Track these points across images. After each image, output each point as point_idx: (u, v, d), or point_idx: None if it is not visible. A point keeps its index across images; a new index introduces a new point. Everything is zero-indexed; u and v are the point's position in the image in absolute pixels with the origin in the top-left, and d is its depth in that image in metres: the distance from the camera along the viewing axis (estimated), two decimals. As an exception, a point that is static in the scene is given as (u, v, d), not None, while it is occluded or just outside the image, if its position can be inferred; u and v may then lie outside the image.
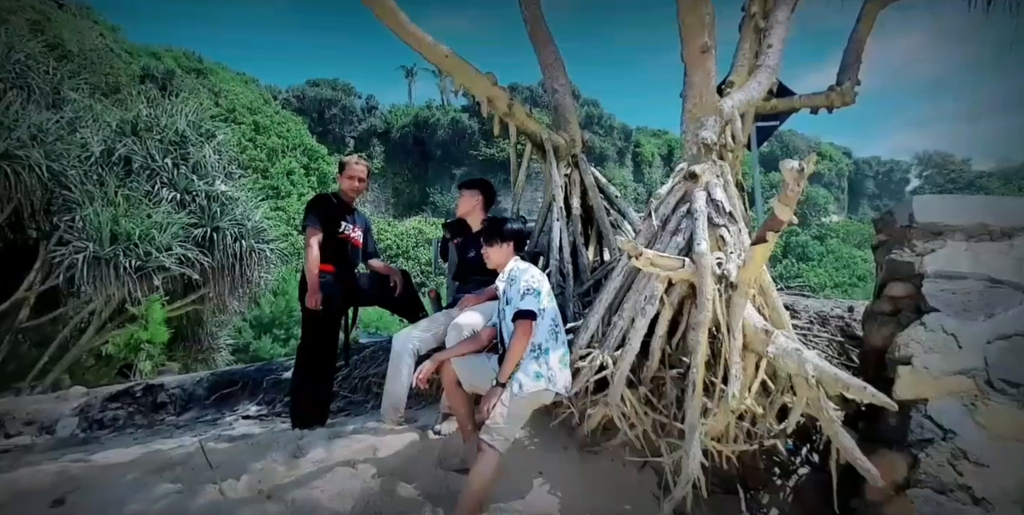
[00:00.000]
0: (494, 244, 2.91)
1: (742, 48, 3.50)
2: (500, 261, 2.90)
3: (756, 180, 5.52)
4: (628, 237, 4.23)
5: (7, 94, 7.88)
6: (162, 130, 8.86)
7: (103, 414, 4.82)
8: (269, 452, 2.96)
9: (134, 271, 7.51)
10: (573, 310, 3.59)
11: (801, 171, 2.00)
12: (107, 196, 7.81)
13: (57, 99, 8.71)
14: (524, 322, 2.55)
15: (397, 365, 3.25)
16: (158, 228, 7.82)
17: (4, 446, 4.18)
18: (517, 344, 2.53)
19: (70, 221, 7.65)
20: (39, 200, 7.66)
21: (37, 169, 7.32)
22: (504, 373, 2.51)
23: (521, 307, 2.57)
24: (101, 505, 2.46)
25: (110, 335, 8.74)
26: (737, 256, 2.61)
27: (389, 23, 3.44)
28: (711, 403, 2.52)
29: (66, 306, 8.82)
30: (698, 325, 2.52)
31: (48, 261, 7.90)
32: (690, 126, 2.89)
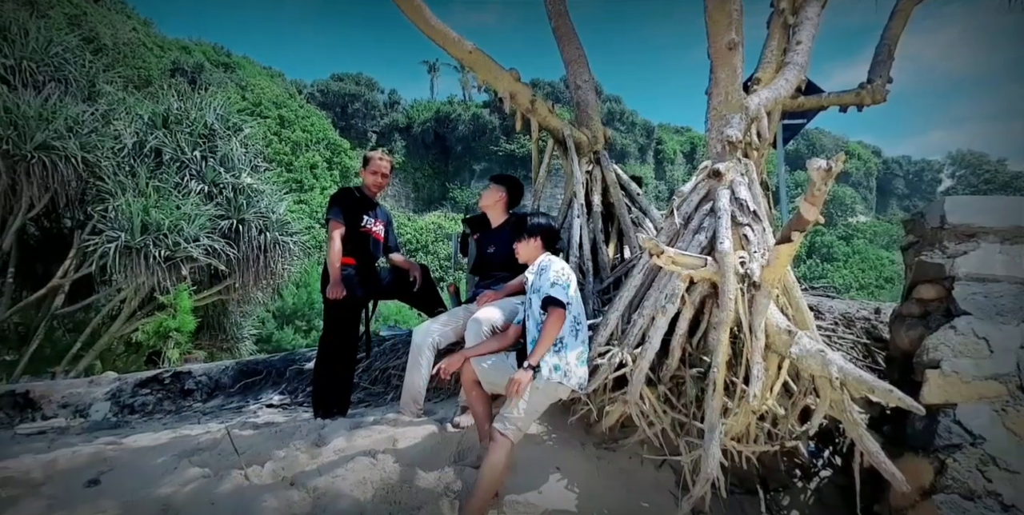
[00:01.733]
0: (522, 239, 2.92)
1: (769, 45, 3.45)
2: (529, 256, 2.91)
3: (781, 178, 5.44)
4: (650, 235, 4.21)
5: (46, 87, 8.14)
6: (192, 123, 9.05)
7: (133, 399, 4.98)
8: (292, 440, 3.02)
9: (163, 261, 7.72)
10: (593, 307, 3.59)
11: (829, 170, 1.97)
12: (138, 187, 8.03)
13: (92, 92, 8.96)
14: (556, 310, 2.57)
15: (417, 358, 3.30)
16: (187, 219, 8.01)
17: (41, 427, 4.35)
18: (551, 328, 2.54)
19: (103, 211, 7.88)
20: (74, 190, 7.91)
21: (73, 160, 7.56)
22: (536, 356, 2.51)
23: (552, 295, 2.59)
24: (133, 486, 2.56)
25: (140, 323, 8.99)
26: (761, 255, 2.58)
27: (415, 19, 3.46)
28: (731, 403, 2.50)
29: (98, 294, 9.10)
30: (719, 324, 2.50)
31: (82, 250, 8.16)
32: (715, 123, 2.86)
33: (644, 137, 55.38)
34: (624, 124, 52.10)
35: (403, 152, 47.42)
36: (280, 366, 5.31)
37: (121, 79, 10.94)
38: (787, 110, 3.59)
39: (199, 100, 9.64)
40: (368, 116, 49.49)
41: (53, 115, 7.47)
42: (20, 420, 4.69)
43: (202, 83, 29.42)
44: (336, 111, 47.31)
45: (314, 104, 45.33)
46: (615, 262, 4.36)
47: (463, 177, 48.59)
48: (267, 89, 40.90)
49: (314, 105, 44.93)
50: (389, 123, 49.46)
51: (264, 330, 19.21)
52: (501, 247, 3.55)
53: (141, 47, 32.86)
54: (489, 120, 48.35)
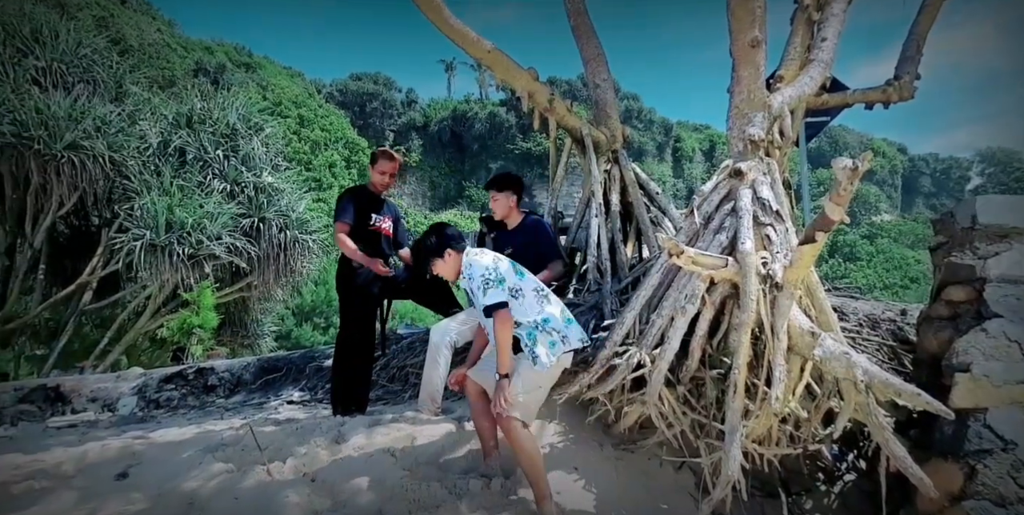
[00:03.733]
0: (434, 263, 2.70)
1: (793, 42, 3.39)
2: (453, 271, 2.71)
3: (804, 177, 5.36)
4: (669, 234, 4.18)
5: (75, 88, 8.34)
6: (214, 123, 9.21)
7: (159, 394, 5.09)
8: (312, 437, 3.06)
9: (187, 258, 7.87)
10: (611, 307, 3.57)
11: (855, 170, 1.94)
12: (163, 186, 8.20)
13: (120, 92, 9.16)
14: (500, 313, 2.51)
15: (435, 357, 3.32)
16: (209, 218, 8.16)
17: (71, 421, 4.48)
18: (501, 335, 2.48)
19: (129, 210, 8.06)
20: (102, 189, 8.11)
21: (100, 159, 7.74)
22: (503, 365, 2.47)
23: (488, 303, 2.50)
24: (161, 479, 2.61)
25: (164, 319, 9.18)
26: (783, 256, 2.55)
27: (435, 19, 3.47)
28: (753, 405, 2.48)
29: (124, 290, 9.32)
30: (740, 325, 2.47)
31: (109, 247, 8.36)
32: (737, 122, 2.82)
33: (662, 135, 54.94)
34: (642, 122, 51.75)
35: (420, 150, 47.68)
36: (300, 363, 5.37)
37: (146, 80, 11.17)
38: (811, 108, 3.53)
39: (221, 100, 9.81)
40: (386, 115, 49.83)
41: (82, 115, 7.66)
42: (51, 413, 4.82)
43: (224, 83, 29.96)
44: (354, 110, 47.73)
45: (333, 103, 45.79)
46: (633, 262, 4.33)
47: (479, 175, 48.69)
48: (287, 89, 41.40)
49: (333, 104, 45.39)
50: (406, 122, 49.75)
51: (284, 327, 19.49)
52: (518, 249, 3.55)
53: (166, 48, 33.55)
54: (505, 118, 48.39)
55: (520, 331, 2.57)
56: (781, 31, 3.72)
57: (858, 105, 3.94)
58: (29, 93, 7.50)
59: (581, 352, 3.26)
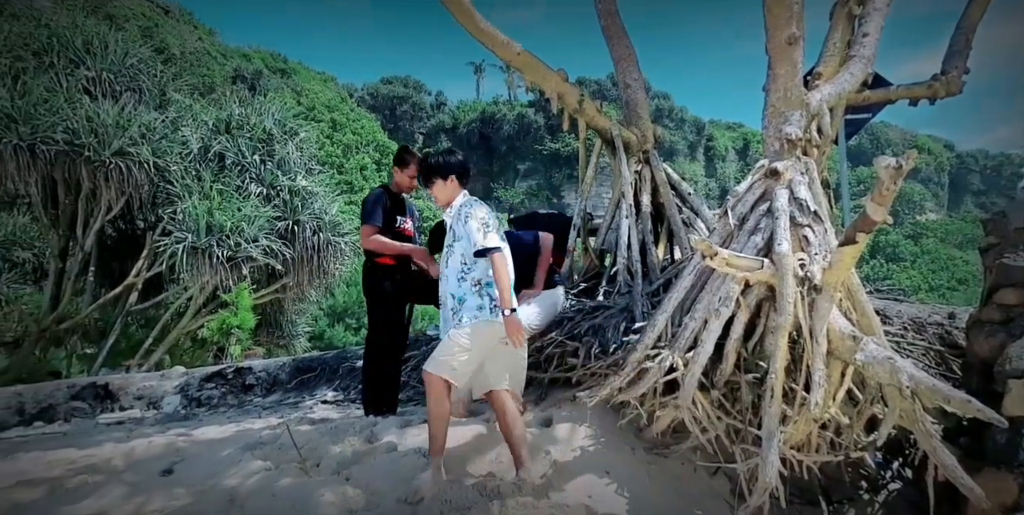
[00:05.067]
0: (435, 181, 2.74)
1: (832, 37, 3.29)
2: (448, 198, 2.77)
3: (843, 176, 5.20)
4: (701, 236, 4.11)
5: (122, 96, 8.70)
6: (252, 128, 9.48)
7: (200, 393, 5.26)
8: (346, 436, 3.11)
9: (226, 260, 8.12)
10: (641, 309, 3.53)
11: (899, 168, 1.87)
12: (203, 190, 8.48)
13: (163, 100, 9.52)
14: (497, 256, 2.57)
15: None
16: (247, 221, 8.40)
17: (119, 418, 4.68)
18: (501, 275, 2.54)
19: (172, 213, 8.36)
20: (146, 193, 8.44)
21: (146, 165, 8.06)
22: (505, 300, 2.52)
23: (488, 245, 2.57)
24: (203, 477, 2.71)
25: (205, 320, 9.49)
26: (822, 257, 2.47)
27: (465, 23, 3.50)
28: (791, 410, 2.41)
29: (167, 292, 9.66)
30: (777, 329, 2.41)
31: (153, 250, 8.68)
32: (773, 121, 2.76)
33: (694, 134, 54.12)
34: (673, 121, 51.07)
35: (449, 153, 47.92)
36: (333, 363, 5.48)
37: (188, 87, 11.56)
38: (851, 105, 3.43)
39: (258, 106, 10.09)
40: (415, 118, 50.47)
41: (129, 123, 7.99)
42: (101, 410, 5.04)
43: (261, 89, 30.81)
44: (385, 113, 48.49)
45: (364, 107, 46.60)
46: (665, 263, 4.28)
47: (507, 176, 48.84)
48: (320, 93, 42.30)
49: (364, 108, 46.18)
50: (435, 124, 50.28)
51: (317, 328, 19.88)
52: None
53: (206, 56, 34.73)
54: (534, 119, 48.42)
55: (461, 286, 2.62)
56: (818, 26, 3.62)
57: (901, 101, 3.81)
58: (80, 102, 7.86)
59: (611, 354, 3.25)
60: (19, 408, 4.97)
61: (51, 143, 7.33)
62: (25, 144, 7.20)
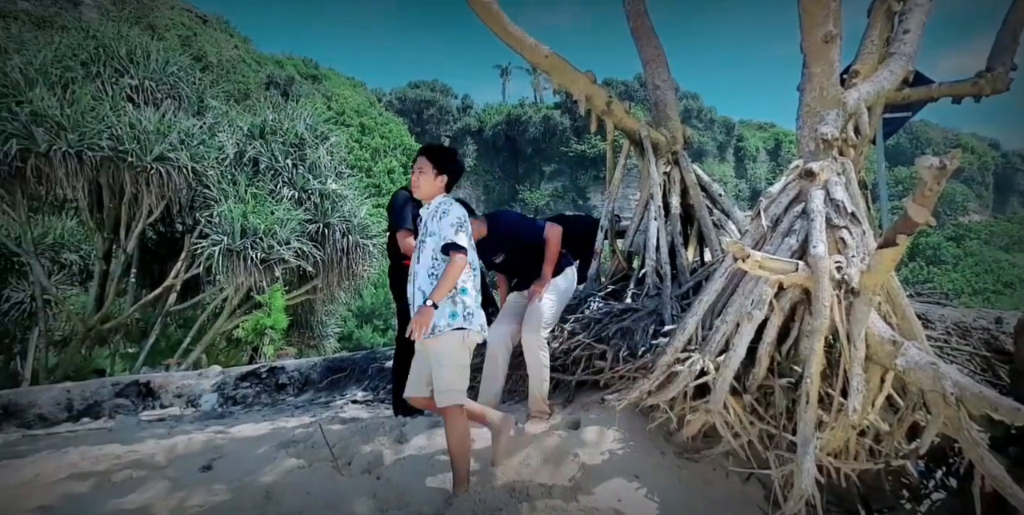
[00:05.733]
0: (427, 172, 2.67)
1: (870, 34, 3.20)
2: (431, 193, 2.70)
3: (881, 176, 5.05)
4: (733, 238, 4.04)
5: (163, 103, 9.02)
6: (284, 133, 9.70)
7: (236, 392, 5.41)
8: (376, 436, 3.16)
9: (260, 262, 8.33)
10: (671, 312, 3.50)
11: (942, 168, 1.81)
12: (239, 194, 8.71)
13: (201, 106, 9.82)
14: (458, 254, 2.51)
15: (493, 362, 3.31)
16: (279, 224, 8.60)
17: (160, 415, 4.86)
18: (452, 272, 2.48)
19: (209, 217, 8.62)
20: (185, 198, 8.71)
21: (185, 170, 8.32)
22: (436, 294, 2.46)
23: (456, 240, 2.52)
24: (241, 473, 2.79)
25: (239, 320, 9.74)
26: (860, 260, 2.41)
27: (493, 26, 3.52)
28: (827, 416, 2.35)
29: (204, 293, 9.96)
30: (813, 333, 2.36)
31: (191, 252, 8.96)
32: (808, 120, 2.70)
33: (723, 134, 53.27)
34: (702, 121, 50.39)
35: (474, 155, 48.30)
36: (363, 363, 5.57)
37: (224, 94, 11.90)
38: (891, 103, 3.33)
39: (291, 111, 10.32)
40: (442, 121, 50.91)
41: (169, 129, 8.26)
42: (143, 407, 5.23)
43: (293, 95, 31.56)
44: (412, 117, 49.04)
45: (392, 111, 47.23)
46: (695, 266, 4.22)
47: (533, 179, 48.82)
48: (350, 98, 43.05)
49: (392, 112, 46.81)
50: (462, 127, 50.61)
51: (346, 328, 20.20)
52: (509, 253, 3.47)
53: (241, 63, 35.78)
54: (560, 121, 48.35)
55: (433, 284, 2.55)
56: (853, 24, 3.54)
57: (943, 99, 3.68)
58: (124, 110, 8.16)
59: (640, 357, 3.22)
60: (68, 404, 5.19)
61: (97, 149, 7.64)
62: (73, 151, 7.52)
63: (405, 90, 52.90)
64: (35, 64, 8.06)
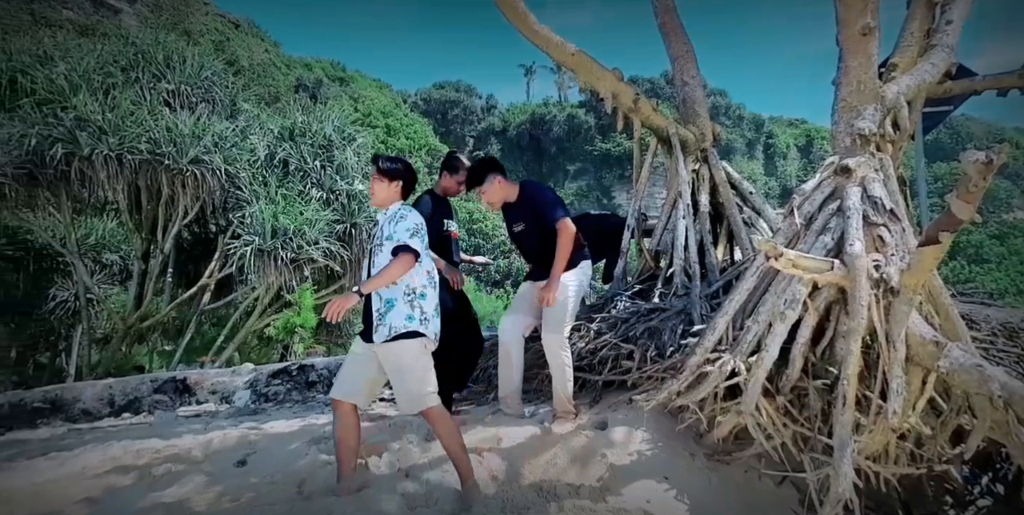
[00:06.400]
0: (383, 180, 2.71)
1: (909, 27, 3.10)
2: (387, 200, 2.73)
3: (920, 172, 4.89)
4: (765, 236, 3.96)
5: (198, 107, 9.26)
6: (313, 135, 9.87)
7: (268, 389, 5.52)
8: (404, 434, 3.19)
9: (290, 262, 8.49)
10: (700, 312, 3.45)
11: (989, 164, 1.74)
12: (269, 195, 8.90)
13: (234, 110, 10.05)
14: (406, 254, 2.50)
15: (507, 355, 3.32)
16: (308, 224, 8.75)
17: (197, 411, 4.99)
18: (394, 269, 2.48)
19: (241, 217, 8.82)
20: (218, 199, 8.92)
21: (218, 172, 8.53)
22: (368, 286, 2.48)
23: (409, 243, 2.52)
24: (274, 469, 2.85)
25: (270, 319, 9.96)
26: (900, 258, 2.34)
27: (519, 26, 3.53)
28: (865, 419, 2.29)
29: (236, 292, 10.20)
30: (849, 333, 2.30)
31: (224, 252, 9.18)
32: (844, 116, 2.63)
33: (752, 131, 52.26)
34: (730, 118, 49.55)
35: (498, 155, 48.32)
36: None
37: (255, 97, 12.17)
38: (931, 97, 3.21)
39: (319, 113, 10.48)
40: (466, 121, 51.12)
41: (203, 132, 8.47)
42: (180, 403, 5.39)
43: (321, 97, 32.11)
44: (437, 118, 49.35)
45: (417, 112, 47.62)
46: (724, 265, 4.16)
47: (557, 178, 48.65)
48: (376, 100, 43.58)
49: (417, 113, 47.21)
50: (486, 127, 50.74)
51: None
52: (528, 219, 3.33)
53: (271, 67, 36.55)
54: (584, 120, 48.09)
55: (391, 287, 2.56)
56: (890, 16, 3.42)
57: (987, 92, 3.54)
58: (161, 114, 8.40)
59: (668, 357, 3.17)
60: (110, 400, 5.38)
61: (136, 153, 7.88)
62: (114, 154, 7.77)
63: (430, 91, 53.29)
64: (79, 71, 8.35)
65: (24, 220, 9.01)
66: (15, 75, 8.31)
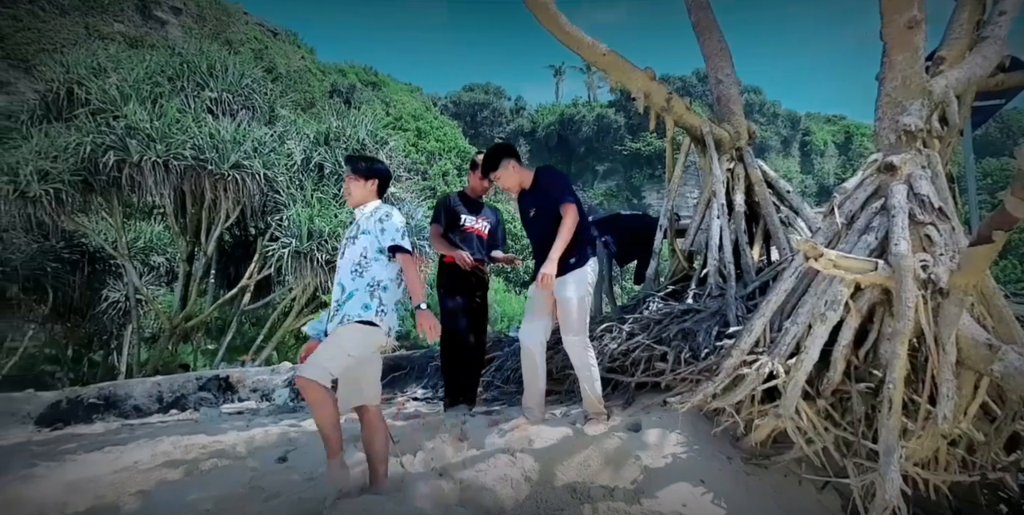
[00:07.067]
0: (358, 179, 2.71)
1: (958, 18, 2.97)
2: (363, 199, 2.74)
3: (969, 169, 4.68)
4: (803, 236, 3.87)
5: (239, 114, 9.58)
6: (347, 139, 10.08)
7: (305, 386, 5.68)
8: (438, 433, 3.23)
9: (325, 263, 8.69)
10: (735, 313, 3.39)
11: (1046, 158, 1.67)
12: (305, 198, 9.13)
13: (272, 116, 10.35)
14: (408, 257, 2.58)
15: (531, 361, 3.22)
16: (343, 226, 8.94)
17: (239, 408, 5.17)
18: (413, 275, 2.56)
19: (279, 220, 9.07)
20: (258, 203, 9.20)
21: (257, 176, 8.80)
22: (417, 296, 2.52)
23: (403, 245, 2.58)
24: (312, 466, 2.92)
25: (306, 319, 10.21)
26: (949, 258, 2.25)
27: (551, 27, 3.53)
28: (912, 424, 2.21)
29: (275, 293, 10.49)
30: (895, 335, 2.22)
31: (263, 254, 9.46)
32: (888, 111, 2.54)
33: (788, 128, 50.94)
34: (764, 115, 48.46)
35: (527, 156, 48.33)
36: (422, 362, 5.69)
37: (292, 103, 12.49)
38: (982, 91, 3.08)
39: (353, 118, 10.71)
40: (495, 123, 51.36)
41: (243, 138, 8.76)
42: (223, 401, 5.59)
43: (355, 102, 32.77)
44: (466, 120, 49.73)
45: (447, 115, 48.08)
46: (760, 265, 4.07)
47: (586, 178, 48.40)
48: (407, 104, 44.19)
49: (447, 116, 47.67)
50: (515, 129, 50.87)
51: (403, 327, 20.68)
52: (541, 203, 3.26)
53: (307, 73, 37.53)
54: (614, 120, 47.74)
55: (355, 280, 2.56)
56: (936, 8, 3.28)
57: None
58: (204, 121, 8.73)
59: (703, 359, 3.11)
60: (159, 397, 5.62)
61: (181, 158, 8.21)
62: (161, 160, 8.12)
63: (459, 93, 53.75)
64: (129, 81, 8.75)
65: (79, 224, 9.46)
66: (72, 86, 8.76)
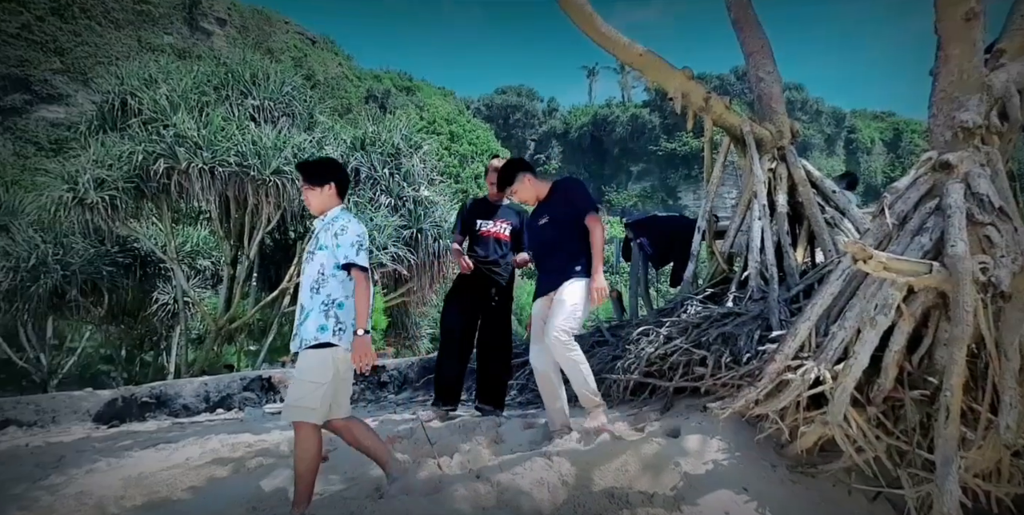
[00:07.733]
0: (314, 187, 2.62)
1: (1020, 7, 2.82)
2: (324, 206, 2.65)
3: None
4: (851, 237, 3.74)
5: (279, 121, 9.87)
6: (382, 144, 10.28)
7: (343, 388, 5.80)
8: (474, 435, 3.24)
9: (360, 267, 8.86)
10: (778, 317, 3.29)
11: (1120, 153, 1.56)
12: (343, 203, 9.33)
13: (311, 122, 10.63)
14: (364, 275, 2.48)
15: (549, 384, 3.14)
16: (378, 230, 9.10)
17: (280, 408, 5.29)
18: (364, 295, 2.47)
19: (316, 224, 9.30)
20: (297, 207, 9.46)
21: (297, 181, 9.03)
22: (361, 321, 2.45)
23: (357, 262, 2.49)
24: (353, 465, 2.97)
25: (343, 320, 10.41)
26: (1011, 260, 2.14)
27: (586, 28, 3.52)
28: (972, 434, 2.11)
29: (313, 296, 10.75)
30: (952, 341, 2.12)
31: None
32: (942, 107, 2.43)
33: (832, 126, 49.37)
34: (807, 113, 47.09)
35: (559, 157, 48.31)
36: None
37: (330, 109, 12.83)
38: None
39: (388, 123, 10.91)
40: (528, 125, 51.49)
41: (284, 144, 9.02)
42: (266, 400, 5.75)
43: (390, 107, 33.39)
44: (499, 122, 50.02)
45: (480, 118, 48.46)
46: (804, 268, 3.96)
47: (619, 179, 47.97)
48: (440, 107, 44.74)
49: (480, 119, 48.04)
50: (547, 130, 50.89)
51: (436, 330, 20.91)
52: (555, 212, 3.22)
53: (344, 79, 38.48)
54: (648, 120, 47.20)
55: (313, 298, 2.50)
56: None
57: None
58: (248, 128, 9.04)
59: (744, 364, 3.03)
60: (206, 396, 5.82)
61: (226, 165, 8.51)
62: (207, 167, 8.44)
63: (492, 96, 54.11)
64: (178, 91, 9.14)
65: (132, 229, 9.91)
66: (125, 97, 9.20)
